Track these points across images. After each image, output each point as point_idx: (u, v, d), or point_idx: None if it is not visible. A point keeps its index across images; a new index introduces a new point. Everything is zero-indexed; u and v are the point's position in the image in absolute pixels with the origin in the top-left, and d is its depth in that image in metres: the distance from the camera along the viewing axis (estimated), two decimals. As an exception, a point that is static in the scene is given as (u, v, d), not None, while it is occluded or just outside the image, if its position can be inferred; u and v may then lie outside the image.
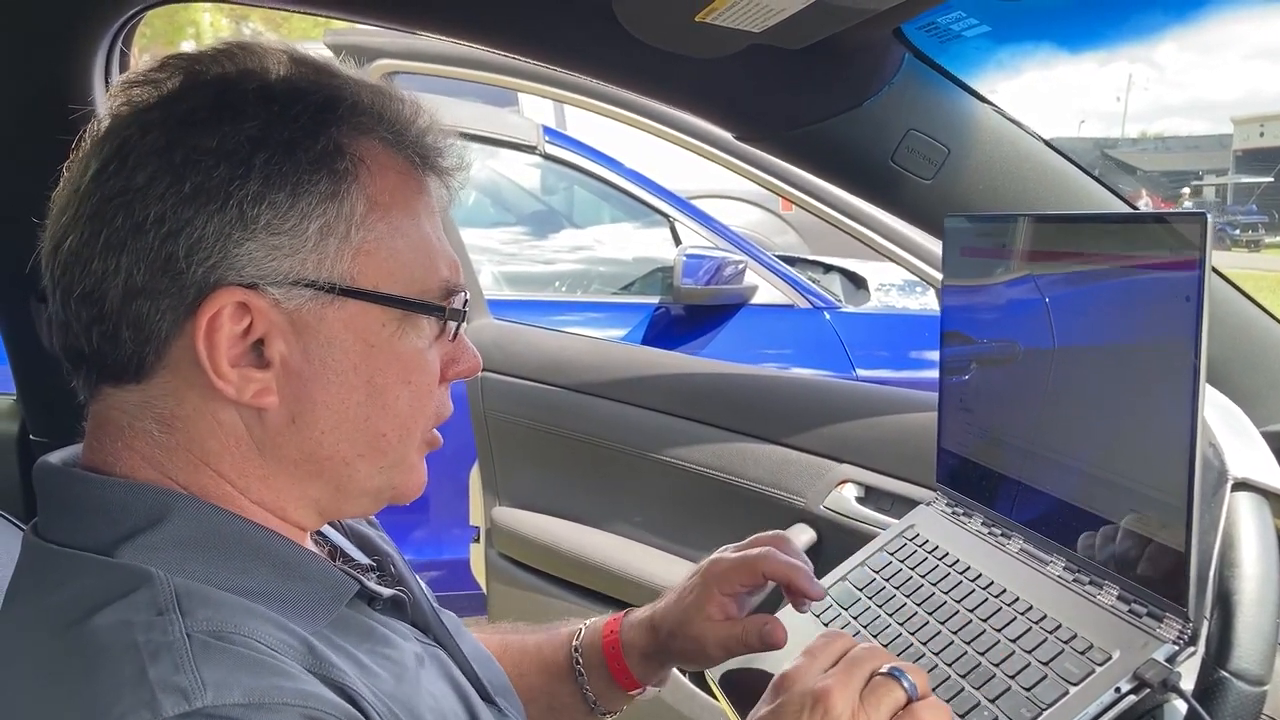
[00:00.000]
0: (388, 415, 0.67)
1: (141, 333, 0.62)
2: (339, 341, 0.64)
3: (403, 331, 0.67)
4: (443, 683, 0.73)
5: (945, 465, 1.14)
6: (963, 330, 1.10)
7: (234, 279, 0.61)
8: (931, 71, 1.16)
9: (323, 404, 0.65)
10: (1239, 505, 0.84)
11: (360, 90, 0.66)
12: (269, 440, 0.65)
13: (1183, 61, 59.84)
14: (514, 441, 1.80)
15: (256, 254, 0.61)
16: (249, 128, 0.61)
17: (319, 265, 0.63)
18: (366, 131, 0.66)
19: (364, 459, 0.68)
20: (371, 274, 0.65)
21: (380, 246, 0.65)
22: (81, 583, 0.59)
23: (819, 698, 0.68)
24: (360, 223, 0.64)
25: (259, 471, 0.66)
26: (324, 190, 0.63)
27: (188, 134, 0.61)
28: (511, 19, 1.13)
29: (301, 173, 0.62)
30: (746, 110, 1.22)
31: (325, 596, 0.66)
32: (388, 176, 0.66)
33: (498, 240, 3.54)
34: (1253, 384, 1.12)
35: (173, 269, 0.60)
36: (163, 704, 0.51)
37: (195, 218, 0.60)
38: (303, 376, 0.64)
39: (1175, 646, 0.77)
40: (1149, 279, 0.82)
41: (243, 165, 0.61)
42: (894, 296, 3.52)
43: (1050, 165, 1.18)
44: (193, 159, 0.60)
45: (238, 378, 0.62)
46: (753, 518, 1.50)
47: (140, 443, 0.64)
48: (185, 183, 0.60)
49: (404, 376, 0.67)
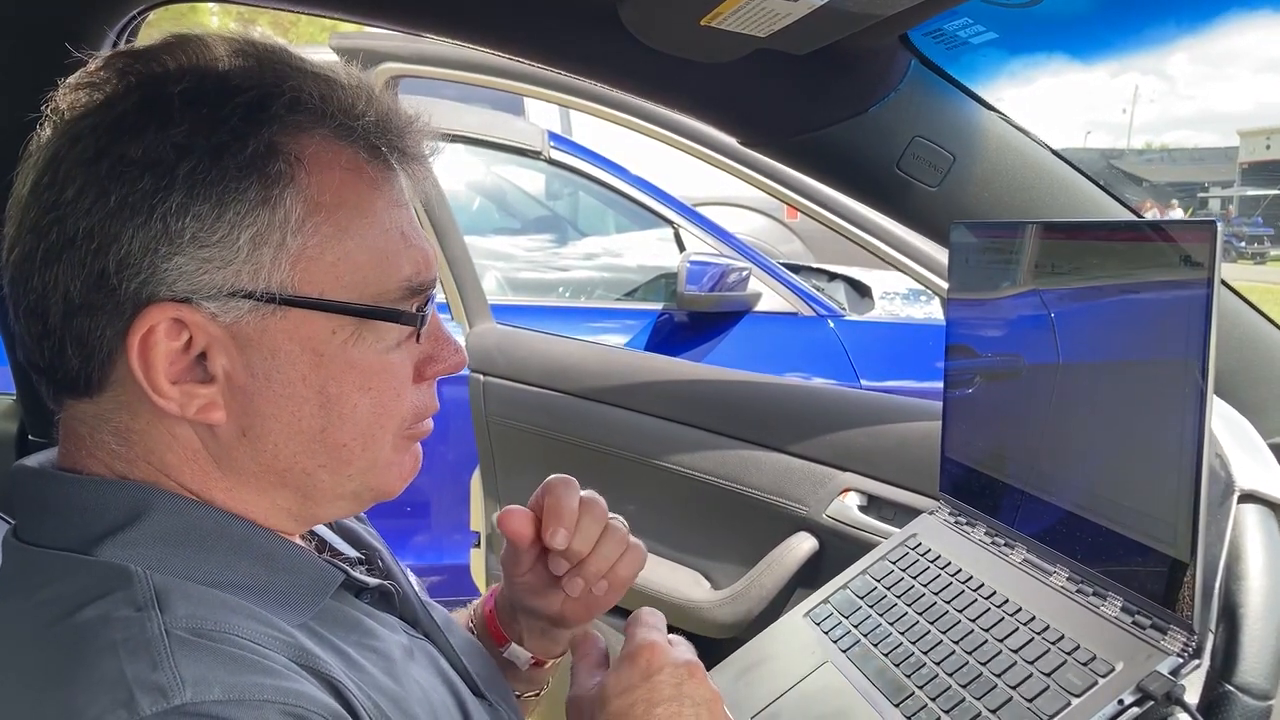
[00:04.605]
0: (346, 425, 0.64)
1: (85, 349, 0.60)
2: (284, 353, 0.62)
3: (359, 337, 0.64)
4: (432, 675, 0.72)
5: (949, 474, 1.13)
6: (968, 344, 1.09)
7: (166, 294, 0.59)
8: (938, 78, 1.15)
9: (272, 417, 0.63)
10: (1245, 517, 0.84)
11: (303, 81, 0.62)
12: (224, 454, 0.63)
13: (1192, 74, 60.10)
14: (516, 446, 1.80)
15: (186, 267, 0.59)
16: (175, 134, 0.58)
17: (254, 276, 0.60)
18: (306, 128, 0.62)
19: (326, 469, 0.65)
20: (316, 280, 0.62)
21: (325, 250, 0.62)
22: (60, 582, 0.58)
23: (692, 670, 0.72)
24: (298, 228, 0.61)
25: (222, 484, 0.64)
26: (254, 197, 0.59)
27: (114, 143, 0.58)
28: (517, 23, 1.12)
29: (228, 180, 0.59)
30: (751, 116, 1.21)
31: (310, 588, 0.65)
32: (332, 174, 0.62)
33: (502, 245, 3.54)
34: (1260, 396, 1.12)
35: (106, 285, 0.59)
36: (140, 702, 0.50)
37: (121, 232, 0.58)
38: (248, 390, 0.62)
39: (1180, 659, 0.76)
40: (1156, 288, 0.81)
41: (166, 175, 0.58)
42: (899, 305, 3.52)
43: (1057, 174, 1.18)
44: (118, 170, 0.58)
45: (179, 394, 0.60)
46: (755, 525, 1.49)
47: (102, 453, 0.63)
48: (110, 196, 0.58)
49: (362, 384, 0.64)
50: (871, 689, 0.92)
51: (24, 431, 1.47)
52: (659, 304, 3.26)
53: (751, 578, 1.47)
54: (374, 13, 1.21)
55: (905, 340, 3.29)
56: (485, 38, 1.18)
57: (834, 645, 1.01)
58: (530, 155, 2.93)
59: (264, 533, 0.65)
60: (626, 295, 3.43)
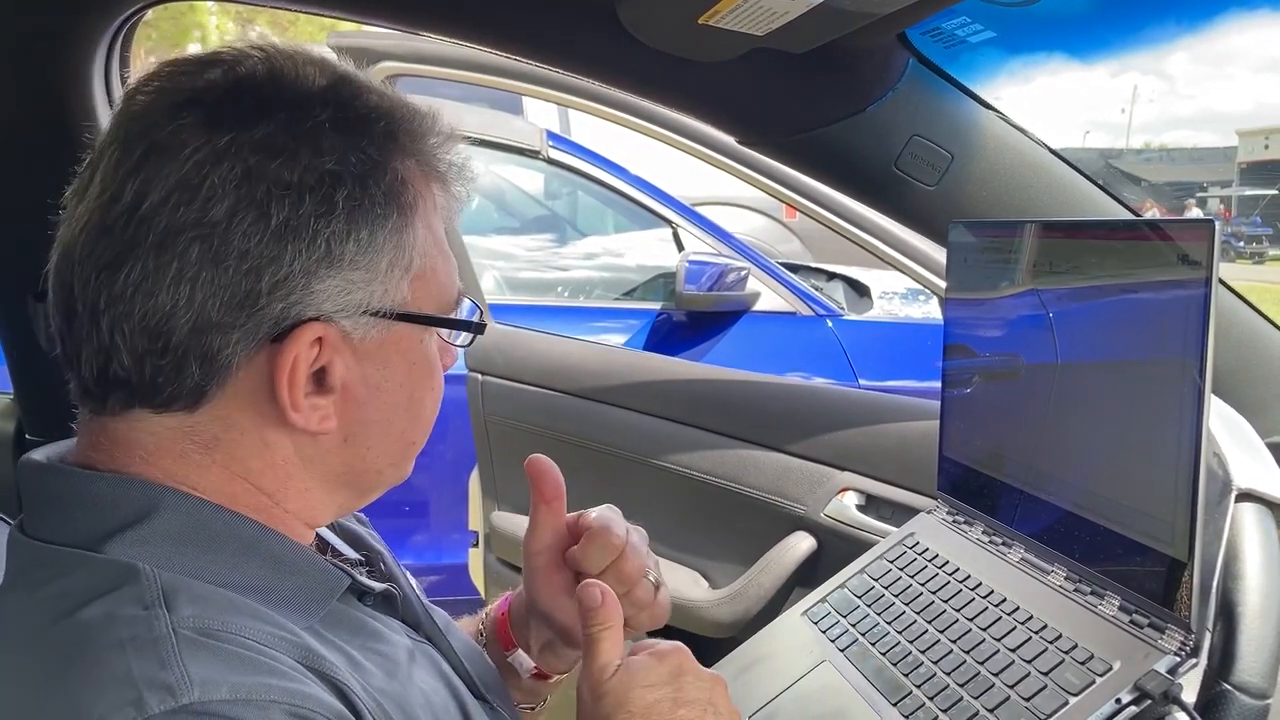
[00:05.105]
0: (419, 424, 0.70)
1: (209, 365, 0.60)
2: (392, 363, 0.66)
3: (429, 343, 0.69)
4: (434, 678, 0.73)
5: (947, 474, 1.13)
6: (966, 343, 1.09)
7: (313, 313, 0.61)
8: (936, 77, 1.15)
9: (375, 423, 0.67)
10: (1243, 516, 0.84)
11: (400, 111, 0.67)
12: (317, 458, 0.66)
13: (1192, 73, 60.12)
14: (513, 446, 1.80)
15: (335, 289, 0.62)
16: (327, 160, 0.61)
17: (384, 294, 0.64)
18: (415, 156, 0.67)
19: (394, 466, 0.70)
20: (421, 296, 0.67)
21: (427, 269, 0.67)
22: (67, 578, 0.58)
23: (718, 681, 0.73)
24: (421, 251, 0.66)
25: (299, 485, 0.66)
26: (395, 223, 0.64)
27: (267, 165, 0.59)
28: (515, 21, 1.12)
29: (377, 206, 0.63)
30: (749, 114, 1.21)
31: (317, 591, 0.66)
32: (431, 198, 0.68)
33: (500, 245, 3.54)
34: (1258, 396, 1.12)
35: (251, 304, 0.60)
36: (148, 701, 0.50)
37: (282, 255, 0.60)
38: (360, 400, 0.65)
39: (1177, 658, 0.76)
40: (1155, 287, 0.81)
41: (326, 202, 0.60)
42: (897, 304, 3.52)
43: (1055, 173, 1.18)
44: (276, 193, 0.59)
45: (307, 407, 0.63)
46: (753, 524, 1.49)
47: (167, 460, 0.63)
48: (271, 218, 0.59)
49: (430, 383, 0.70)
50: (869, 688, 0.92)
51: (21, 431, 1.47)
52: (658, 303, 3.26)
53: (750, 577, 1.47)
54: (372, 11, 1.21)
55: (903, 340, 3.29)
56: (483, 36, 1.18)
57: (832, 644, 1.01)
58: (529, 155, 2.94)
59: (273, 535, 0.65)
60: (625, 295, 3.43)
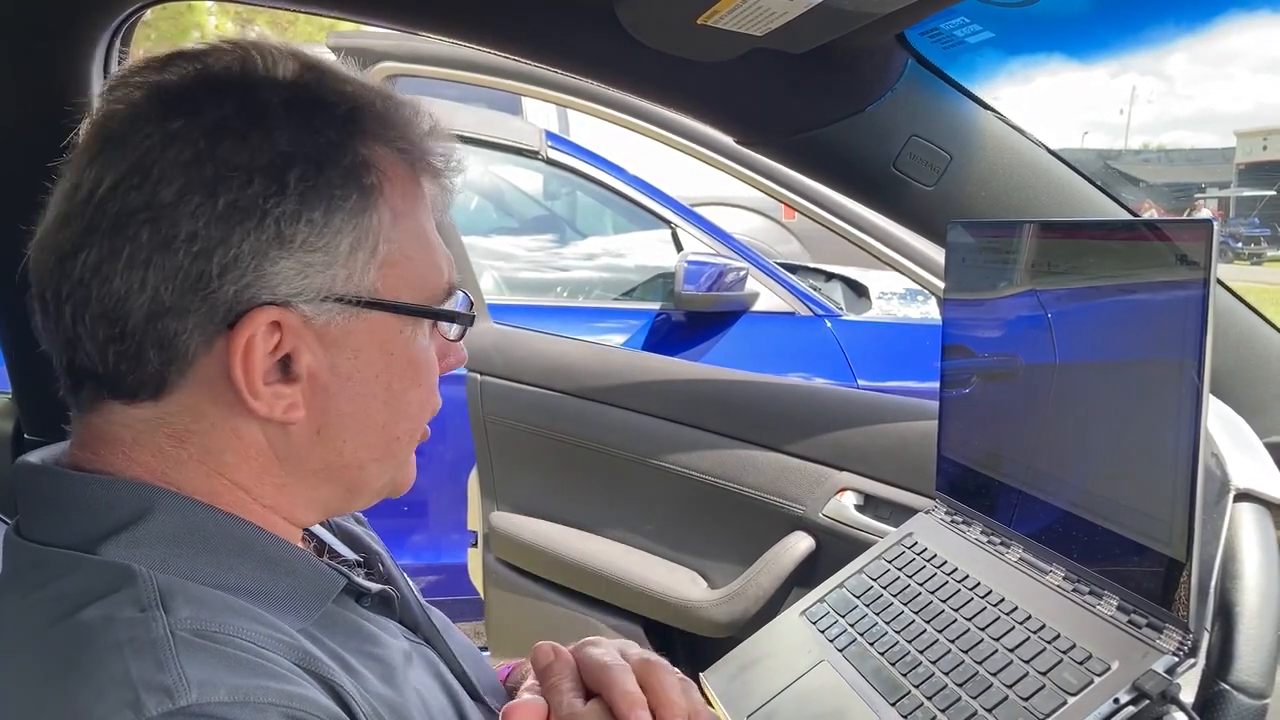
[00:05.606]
0: (402, 418, 0.68)
1: (167, 352, 0.60)
2: (364, 352, 0.65)
3: (414, 335, 0.68)
4: (431, 681, 0.72)
5: (945, 474, 1.13)
6: (964, 343, 1.09)
7: (267, 297, 0.61)
8: (934, 78, 1.15)
9: (348, 414, 0.65)
10: (1241, 516, 0.84)
11: (375, 98, 0.66)
12: (291, 451, 0.65)
13: (1190, 74, 60.09)
14: (513, 446, 1.80)
15: (290, 271, 0.61)
16: (279, 141, 0.60)
17: (348, 279, 0.63)
18: (386, 141, 0.66)
19: (378, 462, 0.69)
20: (394, 284, 0.65)
21: (399, 255, 0.66)
22: (63, 580, 0.58)
23: None
24: (387, 235, 0.65)
25: (277, 480, 0.66)
26: (354, 205, 0.63)
27: (216, 147, 0.59)
28: (514, 21, 1.12)
29: (334, 188, 0.62)
30: (748, 114, 1.21)
31: (312, 592, 0.65)
32: (403, 184, 0.67)
33: (499, 245, 3.53)
34: (1256, 396, 1.12)
35: (203, 287, 0.59)
36: (146, 703, 0.50)
37: (230, 236, 0.59)
38: (329, 390, 0.64)
39: (1175, 658, 0.76)
40: (1153, 287, 0.81)
41: (276, 181, 0.60)
42: (895, 305, 3.52)
43: (1054, 173, 1.18)
44: (224, 174, 0.59)
45: (269, 395, 0.62)
46: (751, 524, 1.49)
47: (145, 455, 0.63)
48: (218, 200, 0.59)
49: (416, 379, 0.68)
50: (868, 688, 0.92)
51: (19, 430, 1.47)
52: (657, 304, 3.26)
53: (748, 577, 1.47)
54: (372, 11, 1.21)
55: (902, 340, 3.29)
56: (482, 37, 1.18)
57: (830, 644, 1.01)
58: (528, 155, 2.94)
59: (268, 536, 0.65)
60: (624, 295, 3.42)
